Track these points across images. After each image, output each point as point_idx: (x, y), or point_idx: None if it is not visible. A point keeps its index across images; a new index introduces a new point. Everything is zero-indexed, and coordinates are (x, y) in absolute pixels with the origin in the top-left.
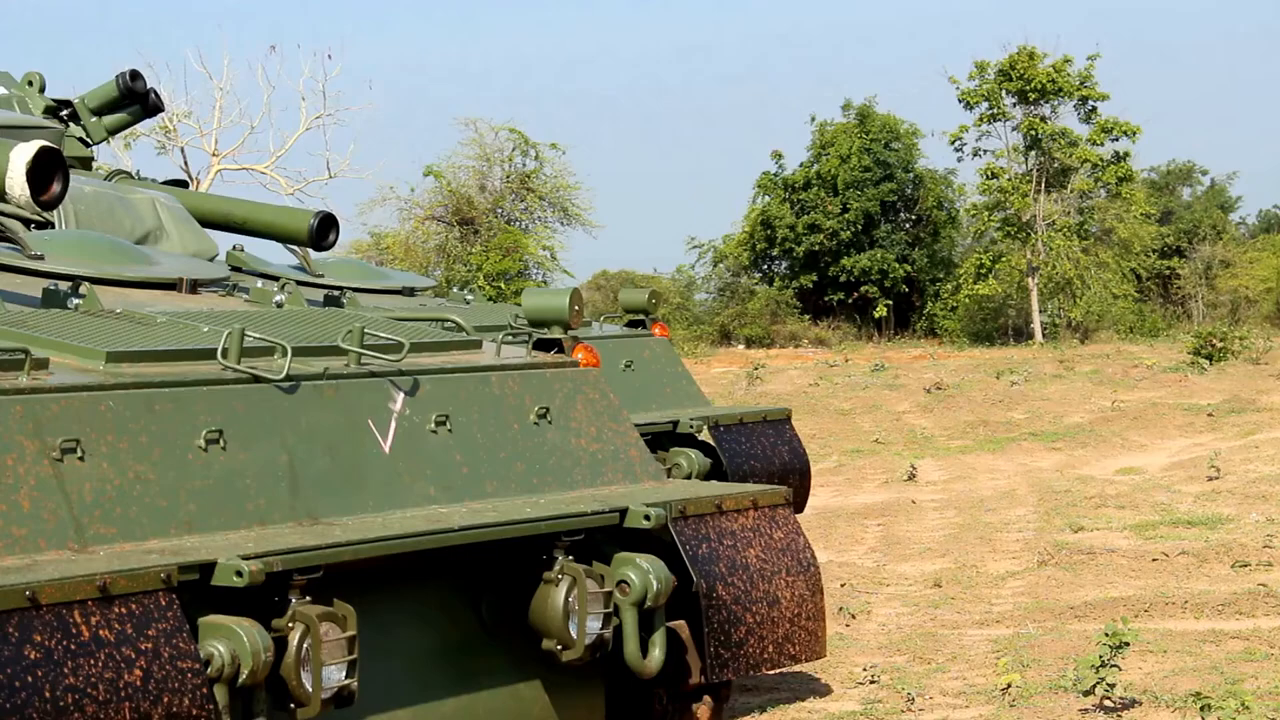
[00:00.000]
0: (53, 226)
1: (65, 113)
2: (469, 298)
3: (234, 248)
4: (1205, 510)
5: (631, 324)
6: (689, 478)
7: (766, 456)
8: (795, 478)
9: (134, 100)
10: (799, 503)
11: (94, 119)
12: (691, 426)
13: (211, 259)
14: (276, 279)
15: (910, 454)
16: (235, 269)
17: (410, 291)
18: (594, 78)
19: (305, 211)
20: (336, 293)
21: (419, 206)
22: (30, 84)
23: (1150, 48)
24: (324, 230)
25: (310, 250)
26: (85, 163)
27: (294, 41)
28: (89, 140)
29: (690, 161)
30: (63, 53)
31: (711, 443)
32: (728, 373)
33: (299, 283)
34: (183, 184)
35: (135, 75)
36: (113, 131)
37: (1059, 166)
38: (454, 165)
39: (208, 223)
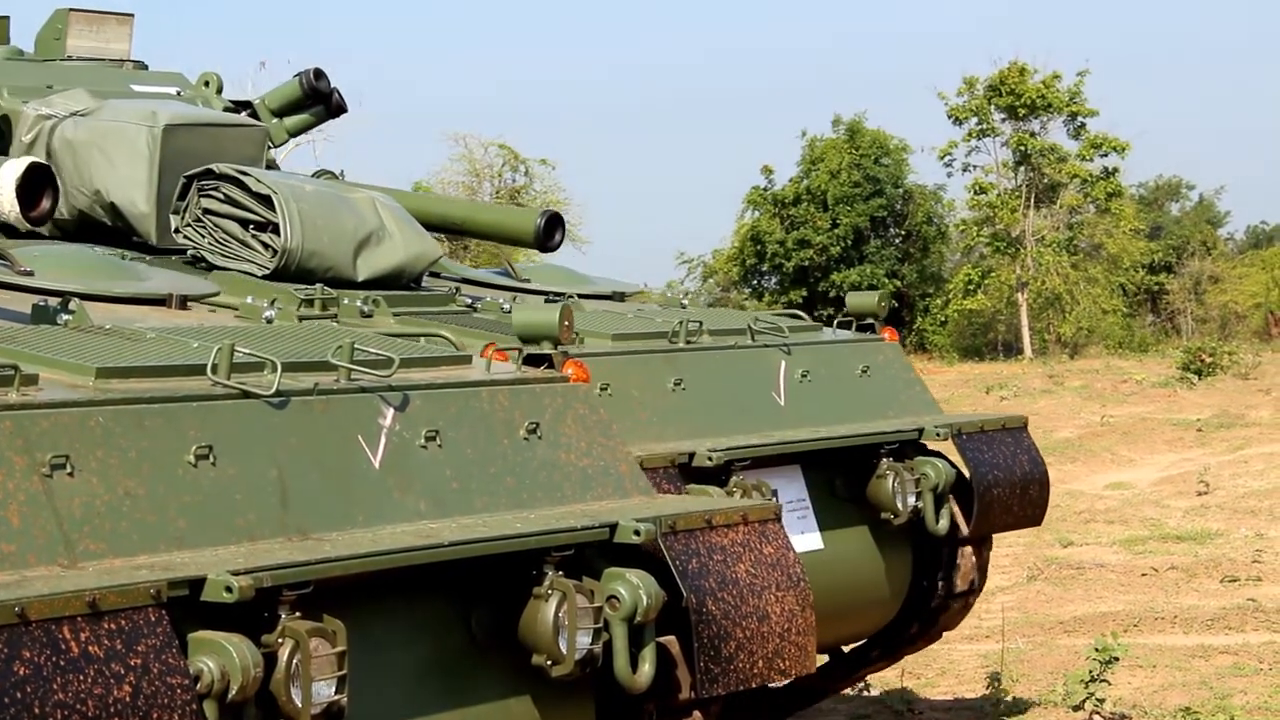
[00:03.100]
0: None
1: (245, 114)
2: (684, 302)
3: None
4: (1194, 525)
5: (859, 329)
6: (936, 488)
7: (1008, 465)
8: (1035, 487)
9: (317, 100)
10: (1038, 514)
11: (275, 121)
12: (938, 435)
13: (435, 260)
14: (483, 284)
15: None
16: (434, 275)
17: (620, 296)
18: (583, 93)
19: (530, 211)
20: (555, 299)
21: None
22: (207, 84)
23: (1139, 64)
24: (551, 230)
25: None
26: (270, 167)
27: (284, 57)
28: (270, 143)
29: (679, 177)
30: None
31: (943, 452)
32: None
33: (513, 289)
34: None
35: (319, 74)
36: (294, 133)
37: (1048, 182)
38: (444, 180)
39: (424, 224)
